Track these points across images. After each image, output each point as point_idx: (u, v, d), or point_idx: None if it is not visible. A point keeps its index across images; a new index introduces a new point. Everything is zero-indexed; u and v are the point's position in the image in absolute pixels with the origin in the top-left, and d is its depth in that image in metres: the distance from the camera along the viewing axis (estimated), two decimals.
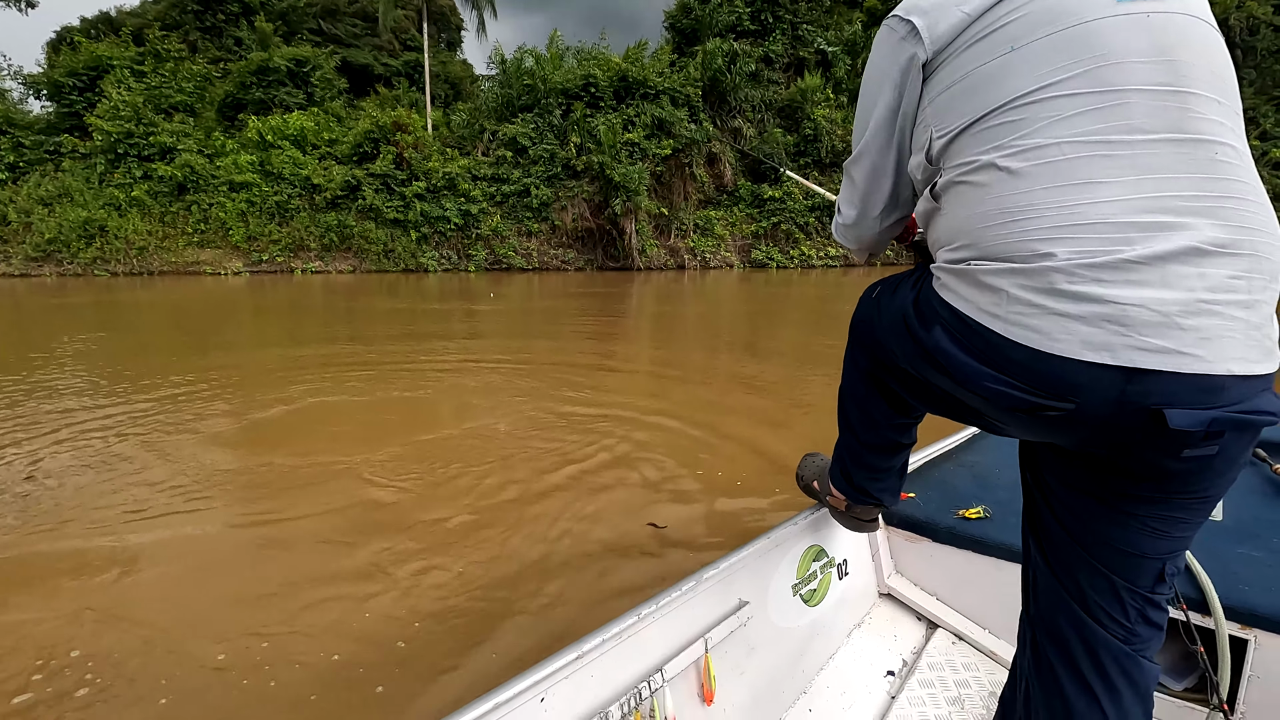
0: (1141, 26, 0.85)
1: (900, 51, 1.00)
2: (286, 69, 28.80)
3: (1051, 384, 0.85)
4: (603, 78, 24.99)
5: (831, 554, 1.79)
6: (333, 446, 4.19)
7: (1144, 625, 1.01)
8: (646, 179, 23.65)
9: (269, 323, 11.31)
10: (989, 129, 0.90)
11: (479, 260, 23.43)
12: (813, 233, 26.92)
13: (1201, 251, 0.80)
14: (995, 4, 0.91)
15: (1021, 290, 0.85)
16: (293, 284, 19.58)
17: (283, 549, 2.86)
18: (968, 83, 0.92)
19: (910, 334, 1.04)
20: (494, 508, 3.23)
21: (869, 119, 1.09)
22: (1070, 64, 0.85)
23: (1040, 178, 0.85)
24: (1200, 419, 0.80)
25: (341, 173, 22.72)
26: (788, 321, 11.17)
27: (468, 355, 7.52)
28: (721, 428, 4.53)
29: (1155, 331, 0.79)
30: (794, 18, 29.15)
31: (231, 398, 5.46)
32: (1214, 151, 0.83)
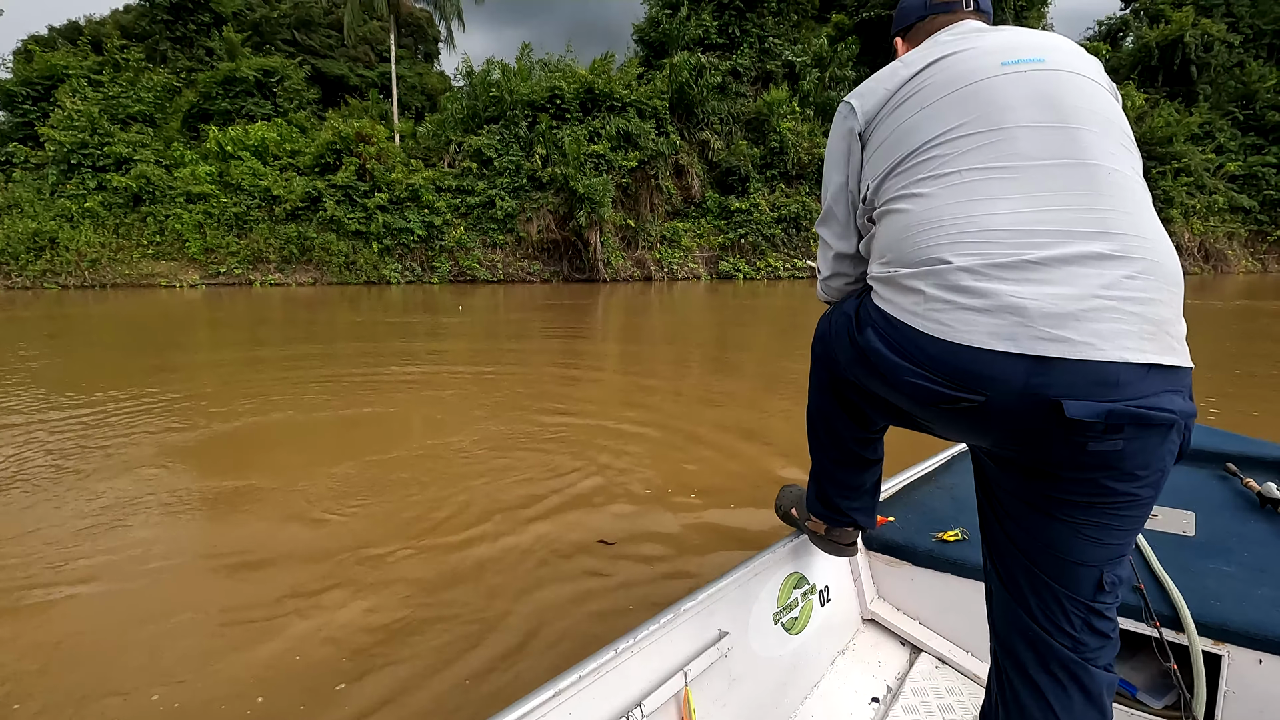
0: (1022, 80, 1.01)
1: (843, 127, 1.21)
2: (254, 79, 28.17)
3: (962, 375, 0.94)
4: (568, 90, 24.61)
5: (812, 581, 1.77)
6: (275, 469, 3.95)
7: (1089, 634, 1.03)
8: (611, 191, 23.26)
9: (221, 336, 10.78)
10: (908, 169, 1.06)
11: (443, 272, 22.90)
12: (779, 244, 26.64)
13: (1099, 255, 0.89)
14: (909, 80, 1.11)
15: (935, 289, 0.96)
16: (251, 297, 19.00)
17: (200, 587, 2.62)
18: (891, 139, 1.10)
19: (850, 339, 1.15)
20: (440, 539, 3.03)
21: (830, 186, 1.26)
22: (966, 114, 1.02)
23: (947, 197, 0.99)
24: (1096, 410, 0.86)
25: (302, 184, 22.11)
26: (758, 333, 10.85)
27: (432, 369, 7.23)
28: (693, 447, 4.35)
29: (1054, 322, 0.87)
30: (761, 31, 28.97)
31: (172, 417, 5.07)
32: (1103, 173, 0.94)
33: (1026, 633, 1.07)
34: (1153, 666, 1.45)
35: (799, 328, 11.04)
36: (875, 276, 1.10)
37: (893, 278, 1.04)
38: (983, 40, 1.11)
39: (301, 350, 8.69)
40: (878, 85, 1.16)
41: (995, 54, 1.06)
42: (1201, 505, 1.89)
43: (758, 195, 26.53)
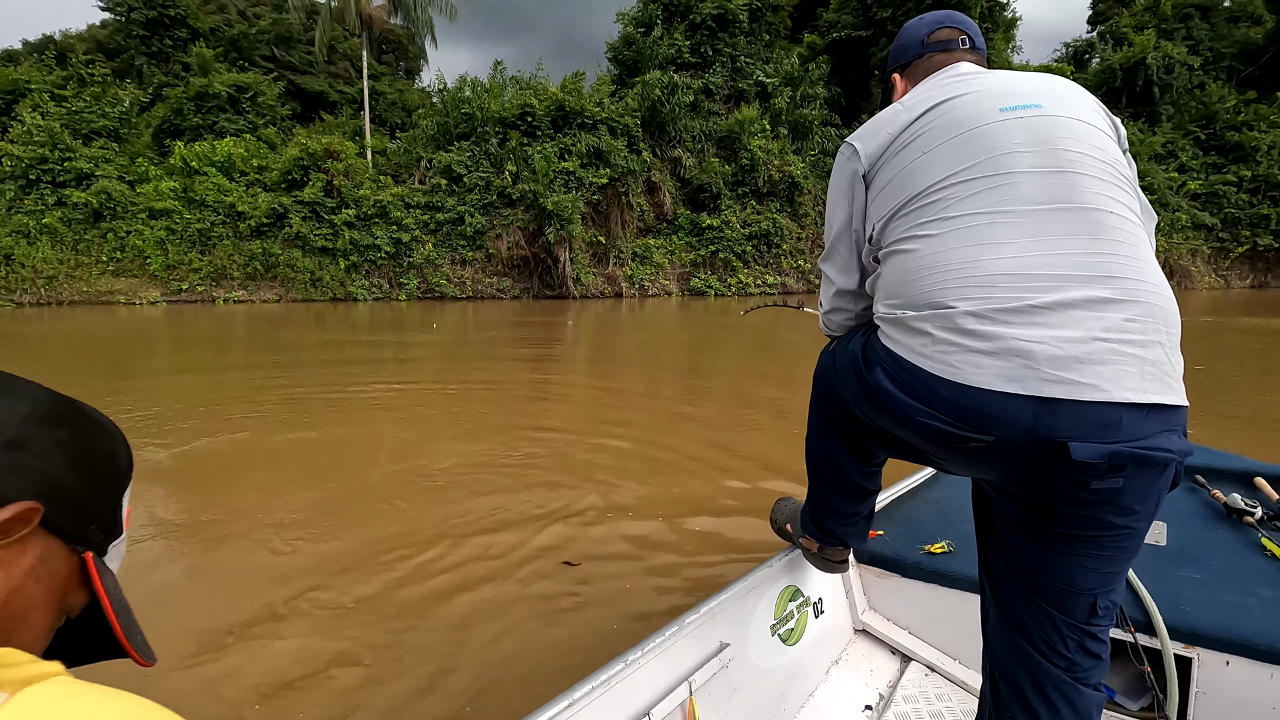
0: (1021, 125, 1.02)
1: (847, 169, 1.21)
2: (227, 95, 27.65)
3: (971, 416, 0.95)
4: (539, 107, 24.29)
5: (807, 593, 1.81)
6: (233, 496, 3.76)
7: (1083, 655, 1.06)
8: (580, 207, 22.90)
9: (174, 356, 10.19)
10: (912, 211, 1.07)
11: (410, 289, 22.39)
12: (750, 261, 26.40)
13: (1100, 299, 0.91)
14: (910, 124, 1.12)
15: (942, 331, 0.97)
16: (213, 314, 18.40)
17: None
18: (894, 182, 1.11)
19: (857, 376, 1.16)
20: (407, 565, 2.87)
21: (834, 224, 1.27)
22: (968, 159, 1.03)
23: (951, 241, 1.00)
24: (1100, 451, 0.89)
25: (268, 200, 21.57)
26: (729, 349, 10.39)
27: (400, 388, 6.96)
28: (667, 467, 4.24)
29: (1058, 364, 0.89)
30: (733, 51, 28.86)
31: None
32: (1102, 217, 0.96)
33: (1023, 655, 1.09)
34: (1129, 670, 1.48)
35: (772, 346, 10.79)
36: (882, 317, 1.11)
37: (900, 319, 1.05)
38: (980, 84, 1.11)
39: (264, 370, 8.26)
40: (879, 128, 1.17)
41: (994, 99, 1.07)
42: (1173, 516, 1.93)
43: (729, 212, 26.30)
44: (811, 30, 34.43)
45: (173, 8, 35.43)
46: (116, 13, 36.03)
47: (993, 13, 30.21)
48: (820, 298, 1.41)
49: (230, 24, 41.04)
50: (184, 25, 36.10)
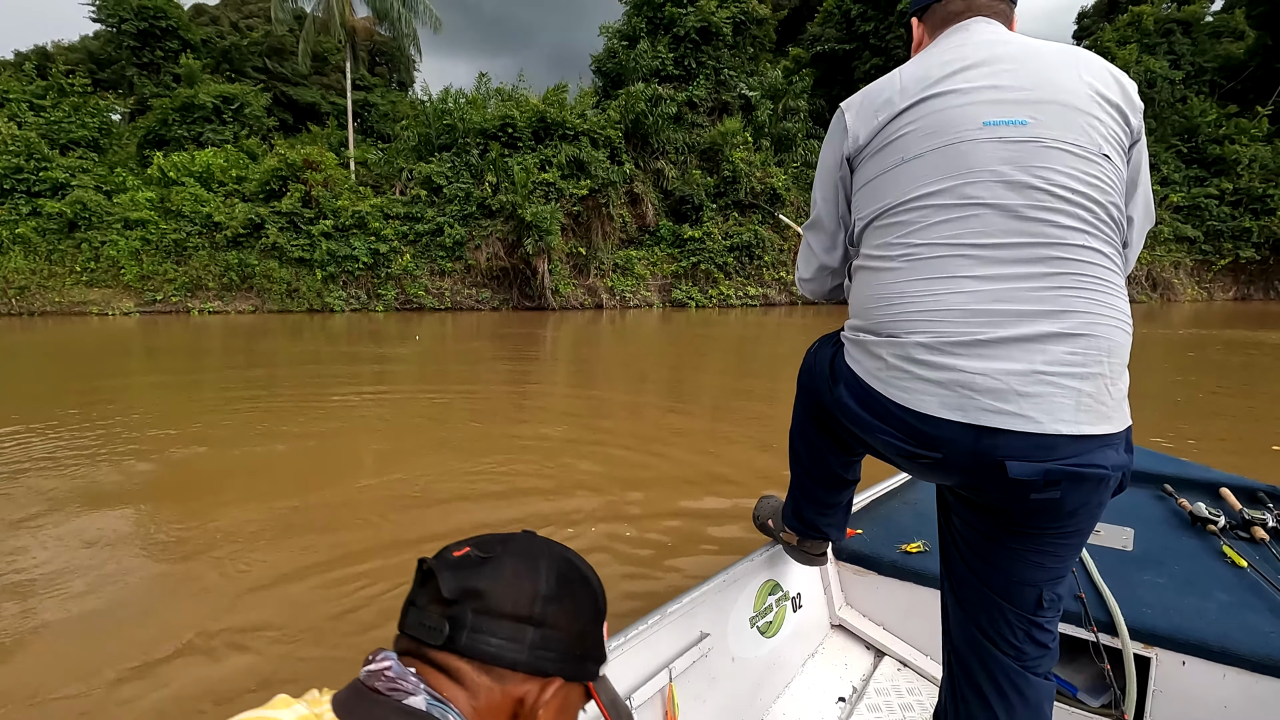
0: (999, 149, 0.99)
1: (836, 146, 1.18)
2: (213, 105, 27.32)
3: (920, 436, 1.01)
4: (520, 118, 23.94)
5: (786, 588, 1.84)
6: (191, 515, 3.58)
7: (1030, 644, 1.11)
8: (559, 218, 22.51)
9: (142, 368, 9.77)
10: (882, 226, 1.08)
11: (388, 300, 21.95)
12: (731, 273, 26.00)
13: (1046, 334, 0.94)
14: (897, 116, 1.07)
15: (895, 359, 1.02)
16: (187, 325, 18.01)
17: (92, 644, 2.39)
18: (873, 185, 1.11)
19: (829, 388, 1.21)
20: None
21: (818, 199, 1.26)
22: (942, 178, 1.01)
23: (911, 273, 1.02)
24: (1035, 470, 0.93)
25: (244, 210, 21.16)
26: (711, 364, 10.05)
27: (378, 399, 6.76)
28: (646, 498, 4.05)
29: (997, 396, 0.94)
30: (717, 64, 28.57)
31: (80, 460, 4.45)
32: (1064, 251, 0.96)
33: (975, 643, 1.15)
34: (1091, 668, 1.51)
35: (756, 357, 10.41)
36: (847, 336, 1.15)
37: (861, 342, 1.09)
38: (975, 78, 1.05)
39: (237, 384, 7.92)
40: (874, 109, 1.12)
41: (980, 107, 1.02)
42: (1140, 523, 1.98)
43: (711, 224, 25.93)
44: (796, 44, 34.20)
45: (164, 19, 35.20)
46: (108, 24, 35.77)
47: None
48: (799, 260, 1.39)
49: (222, 35, 40.79)
50: (175, 36, 35.82)
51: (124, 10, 35.08)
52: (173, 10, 35.96)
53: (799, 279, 1.42)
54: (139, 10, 34.79)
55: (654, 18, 28.04)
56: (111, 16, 35.06)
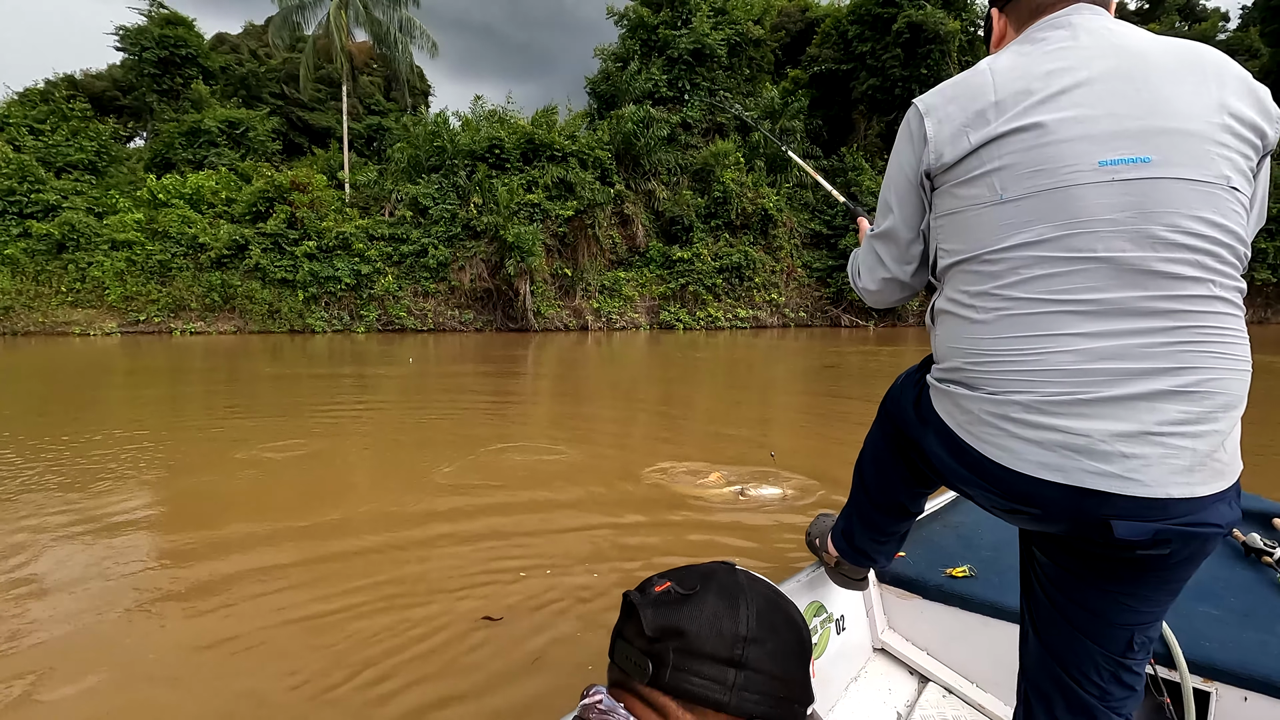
0: (1116, 192, 0.85)
1: (913, 150, 1.01)
2: (218, 130, 27.18)
3: (1017, 494, 0.92)
4: (508, 140, 23.22)
5: (830, 609, 1.77)
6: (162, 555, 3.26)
7: (1116, 686, 1.03)
8: (541, 239, 21.66)
9: (104, 392, 9.00)
10: (972, 271, 0.94)
11: (369, 321, 21.23)
12: (720, 295, 24.89)
13: (1156, 393, 0.84)
14: (992, 141, 0.91)
15: (988, 415, 0.93)
16: (167, 345, 17.48)
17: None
18: (961, 220, 0.95)
19: (918, 429, 1.12)
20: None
21: (894, 206, 1.08)
22: (1047, 227, 0.87)
23: (1007, 328, 0.90)
24: (1145, 530, 0.86)
25: (229, 231, 20.67)
26: (703, 385, 8.90)
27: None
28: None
29: (1102, 458, 0.85)
30: (711, 85, 27.65)
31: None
32: (1177, 304, 0.85)
33: (1058, 681, 1.06)
34: (1149, 701, 1.37)
35: (748, 386, 9.33)
36: (934, 382, 1.05)
37: (950, 393, 0.99)
38: (1088, 98, 0.88)
39: (212, 414, 7.02)
40: (960, 121, 0.94)
41: (1096, 140, 0.86)
42: None
43: (700, 245, 24.87)
44: (796, 65, 33.19)
45: (184, 47, 35.45)
46: (130, 52, 36.16)
47: (973, 46, 28.67)
48: (861, 268, 1.22)
49: (241, 63, 41.04)
50: (194, 64, 36.04)
51: (145, 39, 35.40)
52: (193, 39, 36.20)
53: (861, 287, 1.23)
54: (160, 39, 35.06)
55: (648, 40, 27.29)
56: (134, 45, 35.42)
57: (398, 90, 51.53)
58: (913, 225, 1.06)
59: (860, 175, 27.06)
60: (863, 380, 11.23)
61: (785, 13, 37.49)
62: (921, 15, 26.12)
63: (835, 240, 26.62)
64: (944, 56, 26.65)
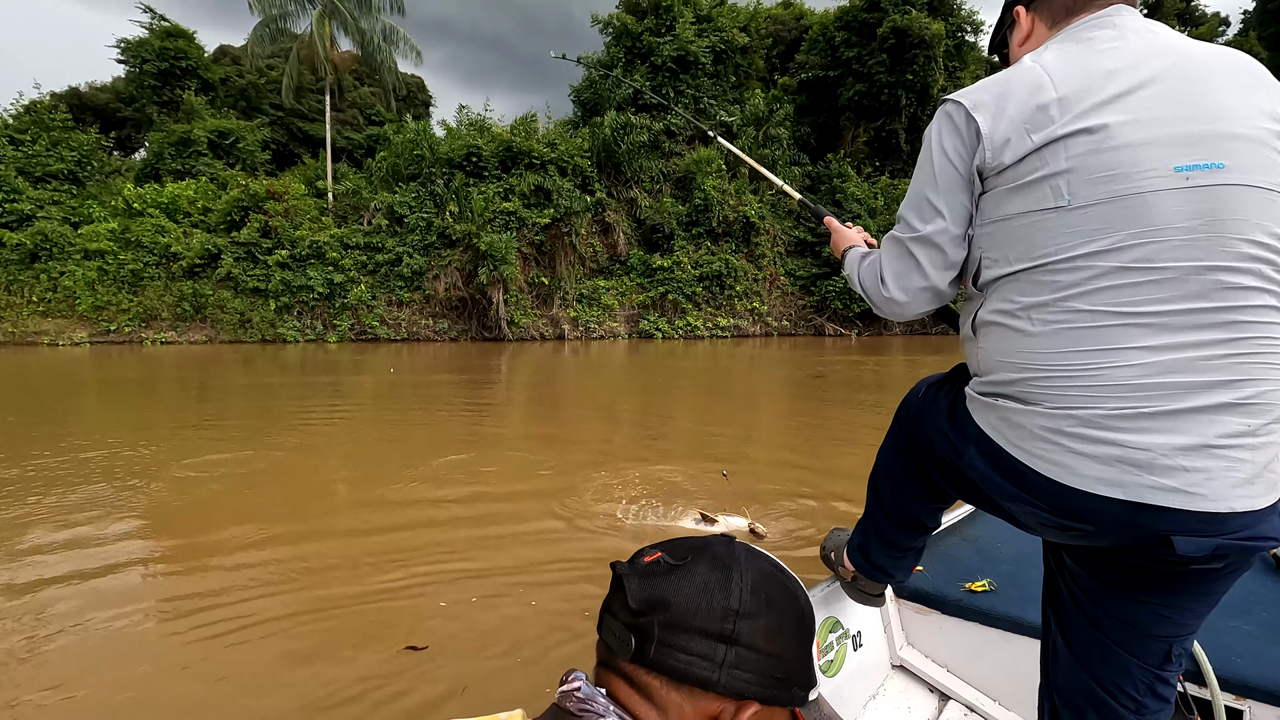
0: (1190, 199, 0.80)
1: (964, 147, 0.91)
2: (208, 140, 26.69)
3: (1070, 511, 0.87)
4: (486, 148, 22.46)
5: (847, 625, 1.71)
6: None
7: (1152, 698, 1.00)
8: (515, 247, 20.85)
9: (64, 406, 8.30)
10: (1034, 282, 0.87)
11: (342, 330, 20.51)
12: (701, 303, 23.95)
13: (1218, 406, 0.80)
14: (1057, 141, 0.83)
15: (1042, 430, 0.86)
16: (137, 355, 16.90)
17: None
18: (1020, 226, 0.87)
19: (951, 444, 1.02)
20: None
21: (942, 205, 0.96)
22: (1118, 235, 0.81)
23: (1068, 341, 0.84)
24: (1205, 545, 0.82)
25: (201, 240, 20.05)
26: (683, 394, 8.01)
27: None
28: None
29: (1163, 472, 0.80)
30: (696, 92, 26.77)
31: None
32: (1239, 315, 0.81)
33: (1091, 695, 1.02)
34: (1175, 719, 1.30)
35: (726, 395, 8.47)
36: (976, 396, 0.97)
37: (997, 406, 0.92)
38: (1153, 99, 0.83)
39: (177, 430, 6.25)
40: (1020, 119, 0.86)
41: (1169, 144, 0.81)
42: None
43: (681, 253, 23.97)
44: (785, 72, 32.25)
45: (184, 59, 35.15)
46: (131, 64, 35.91)
47: (960, 51, 27.60)
48: (887, 276, 1.05)
49: (242, 75, 40.69)
50: (195, 76, 35.72)
51: (146, 51, 35.17)
52: (193, 51, 35.90)
53: (886, 297, 1.06)
54: (160, 51, 34.81)
55: (632, 47, 26.46)
56: (134, 57, 35.19)
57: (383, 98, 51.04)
58: (963, 230, 0.95)
59: (846, 183, 26.07)
60: (852, 389, 10.35)
61: (780, 21, 36.57)
62: (906, 20, 25.12)
63: (819, 247, 25.61)
64: (929, 62, 25.63)
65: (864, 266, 1.13)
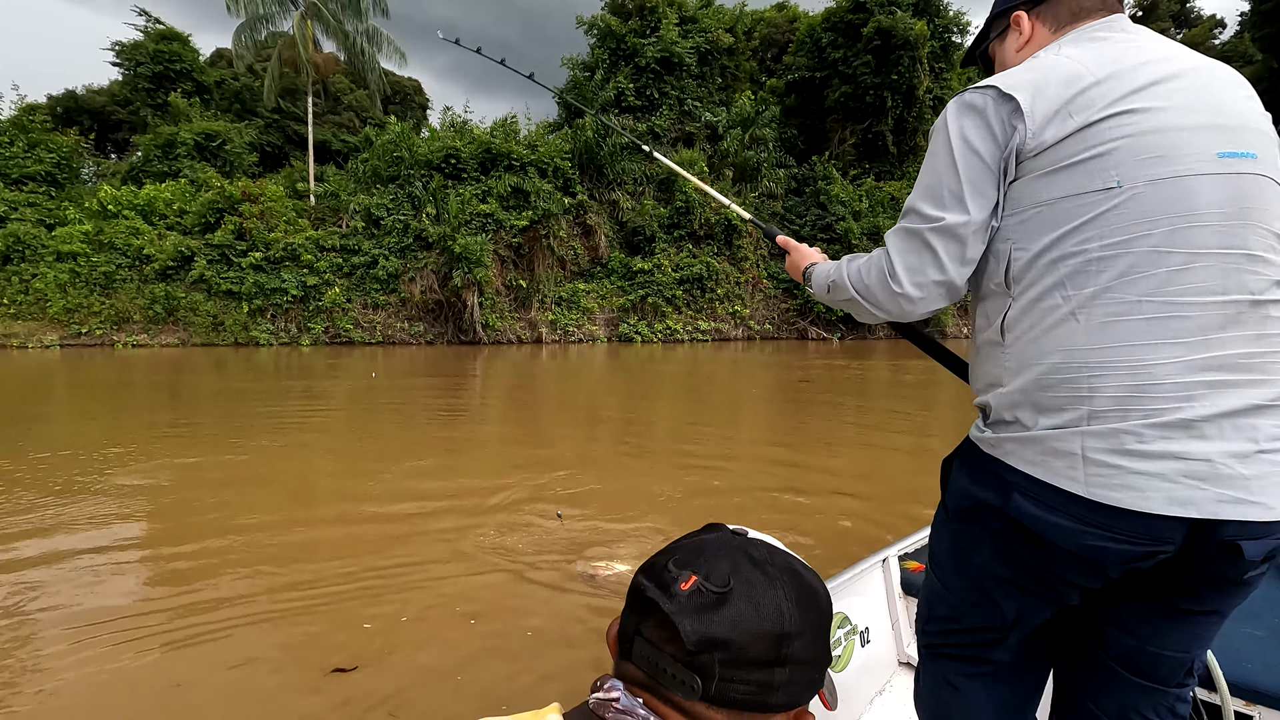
0: (1228, 186, 0.80)
1: (999, 127, 0.86)
2: (194, 142, 26.20)
3: (1150, 537, 0.83)
4: (464, 150, 21.83)
5: (855, 622, 1.69)
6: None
7: (1172, 716, 0.97)
8: (490, 249, 20.21)
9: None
10: (1075, 270, 0.82)
11: (316, 333, 19.91)
12: (681, 306, 23.25)
13: (1256, 407, 0.79)
14: (1101, 121, 0.81)
15: (1097, 453, 0.81)
16: (108, 358, 16.37)
17: None
18: (1062, 211, 0.83)
19: (994, 507, 0.91)
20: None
21: (966, 190, 0.89)
22: (1162, 219, 0.80)
23: (1114, 335, 0.80)
24: (1266, 549, 0.81)
25: (174, 242, 19.49)
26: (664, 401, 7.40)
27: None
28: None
29: (1227, 483, 0.79)
30: (681, 94, 26.07)
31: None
32: (1267, 310, 0.81)
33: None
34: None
35: (705, 398, 7.83)
36: (1007, 437, 0.88)
37: (1037, 438, 0.84)
38: (1183, 91, 0.82)
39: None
40: (1060, 99, 0.83)
41: (1210, 131, 0.81)
42: None
43: (662, 256, 23.27)
44: (772, 74, 31.48)
45: (179, 62, 34.73)
46: (126, 67, 35.51)
47: (947, 52, 26.78)
48: (900, 270, 0.95)
49: (237, 78, 40.20)
50: (189, 79, 35.28)
51: (140, 54, 34.82)
52: (187, 54, 35.49)
53: (892, 293, 0.96)
54: (154, 54, 34.44)
55: (616, 49, 25.79)
56: (129, 60, 34.78)
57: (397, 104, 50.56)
58: (988, 218, 0.89)
59: (830, 185, 25.30)
60: (839, 390, 9.66)
61: (774, 24, 35.79)
62: (891, 21, 24.33)
63: None
64: (914, 63, 24.83)
65: (856, 267, 1.03)
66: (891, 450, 6.68)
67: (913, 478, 5.50)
